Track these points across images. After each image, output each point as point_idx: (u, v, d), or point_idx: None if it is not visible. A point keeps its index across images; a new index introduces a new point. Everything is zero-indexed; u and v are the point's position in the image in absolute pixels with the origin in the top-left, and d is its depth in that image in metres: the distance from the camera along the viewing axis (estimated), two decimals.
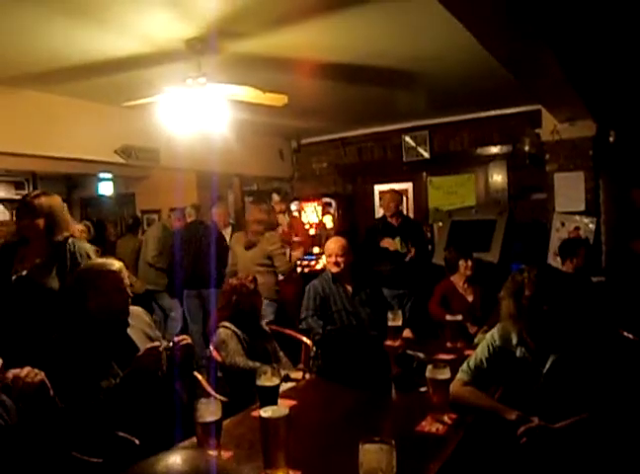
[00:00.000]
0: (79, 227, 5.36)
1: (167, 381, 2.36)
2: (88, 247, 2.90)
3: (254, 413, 2.16)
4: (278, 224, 6.22)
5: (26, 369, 1.73)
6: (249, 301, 3.28)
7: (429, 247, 5.98)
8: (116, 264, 2.39)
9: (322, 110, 5.78)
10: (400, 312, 3.42)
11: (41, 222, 2.76)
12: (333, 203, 6.92)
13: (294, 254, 5.75)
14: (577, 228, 5.28)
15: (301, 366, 3.41)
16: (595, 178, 5.32)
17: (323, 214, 6.85)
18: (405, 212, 6.20)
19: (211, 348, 3.27)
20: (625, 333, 3.18)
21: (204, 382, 2.98)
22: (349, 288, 3.73)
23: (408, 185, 6.92)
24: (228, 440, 1.91)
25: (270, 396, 2.09)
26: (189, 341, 2.40)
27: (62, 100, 4.81)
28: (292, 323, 4.20)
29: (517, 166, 6.04)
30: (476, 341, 3.17)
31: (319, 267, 6.24)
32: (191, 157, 5.54)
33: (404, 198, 6.48)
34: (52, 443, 1.71)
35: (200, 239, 5.55)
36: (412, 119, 6.53)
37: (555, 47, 3.09)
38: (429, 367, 2.15)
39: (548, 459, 1.93)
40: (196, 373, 2.92)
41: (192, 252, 5.52)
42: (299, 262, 6.17)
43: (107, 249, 5.87)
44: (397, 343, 3.29)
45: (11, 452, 1.60)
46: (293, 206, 7.09)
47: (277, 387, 2.14)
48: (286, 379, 2.81)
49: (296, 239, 6.44)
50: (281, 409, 1.72)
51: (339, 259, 3.70)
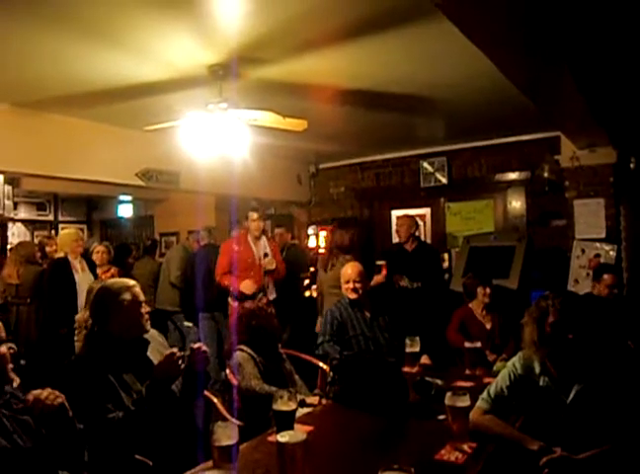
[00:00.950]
0: (98, 248, 5.46)
1: (185, 400, 2.36)
2: None
3: (270, 438, 2.13)
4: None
5: (46, 391, 1.74)
6: (266, 325, 3.27)
7: (445, 274, 5.95)
8: (130, 281, 2.46)
9: (341, 135, 5.82)
10: (418, 338, 3.38)
11: None
12: None
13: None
14: (597, 255, 5.20)
15: (318, 391, 3.38)
16: (615, 205, 5.27)
17: None
18: (422, 238, 6.18)
19: (227, 371, 3.26)
20: None
21: (220, 405, 2.96)
22: (367, 313, 3.71)
23: (426, 210, 6.91)
24: (245, 465, 1.89)
25: (286, 421, 2.06)
26: (205, 348, 2.42)
27: (85, 123, 4.92)
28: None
29: (536, 192, 6.01)
30: (495, 369, 3.12)
31: None
32: (210, 180, 5.60)
33: (421, 224, 6.47)
34: (70, 466, 1.70)
35: (212, 262, 5.57)
36: (430, 145, 6.54)
37: (575, 74, 3.10)
38: (448, 394, 2.11)
39: None
40: (211, 396, 2.91)
41: (203, 275, 5.54)
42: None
43: (127, 271, 5.92)
44: (415, 369, 3.26)
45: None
46: (310, 231, 7.10)
47: (293, 412, 2.12)
48: (302, 404, 2.78)
49: None
50: (299, 434, 1.70)
51: (357, 285, 3.69)
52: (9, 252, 6.09)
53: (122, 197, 8.91)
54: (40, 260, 5.39)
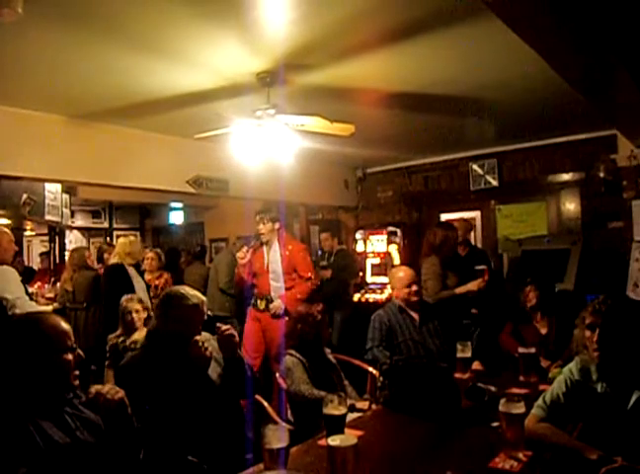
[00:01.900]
0: (149, 255, 5.60)
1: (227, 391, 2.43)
2: None
3: (321, 441, 2.13)
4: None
5: (107, 386, 1.79)
6: (314, 331, 3.27)
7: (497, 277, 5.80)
8: (195, 299, 2.45)
9: (388, 138, 5.79)
10: (469, 344, 3.32)
11: None
12: (398, 232, 6.86)
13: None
14: None
15: (367, 396, 3.36)
16: None
17: (388, 244, 6.80)
18: (473, 242, 6.06)
19: (277, 375, 3.28)
20: None
21: (270, 408, 2.98)
22: (415, 318, 3.67)
23: (476, 213, 6.79)
24: (295, 468, 1.89)
25: (337, 425, 2.05)
26: (232, 331, 2.47)
27: (138, 133, 5.07)
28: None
29: (591, 193, 5.80)
30: (551, 375, 3.01)
31: (384, 296, 6.19)
32: (258, 187, 5.67)
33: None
34: (127, 463, 1.74)
35: None
36: (479, 147, 6.43)
37: (629, 67, 2.99)
38: (502, 401, 2.05)
39: None
40: (261, 400, 2.94)
41: None
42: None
43: (178, 276, 6.04)
44: (466, 375, 3.19)
45: (90, 470, 1.64)
46: (358, 236, 7.09)
47: (344, 416, 2.11)
48: (352, 409, 2.77)
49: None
50: (350, 438, 1.69)
51: (418, 288, 3.72)
52: (66, 258, 6.33)
53: (174, 205, 9.14)
54: (97, 265, 5.57)
